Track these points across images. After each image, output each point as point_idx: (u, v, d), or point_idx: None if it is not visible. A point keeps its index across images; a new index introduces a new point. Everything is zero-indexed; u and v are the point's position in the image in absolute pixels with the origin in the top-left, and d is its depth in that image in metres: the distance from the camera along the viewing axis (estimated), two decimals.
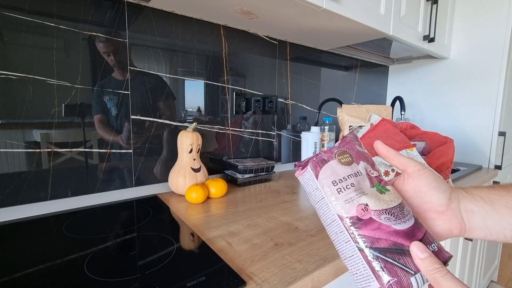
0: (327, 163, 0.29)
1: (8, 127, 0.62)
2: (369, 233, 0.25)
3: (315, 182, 0.29)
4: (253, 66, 1.03)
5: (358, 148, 0.31)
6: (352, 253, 0.26)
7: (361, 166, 0.30)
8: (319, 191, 0.29)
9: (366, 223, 0.26)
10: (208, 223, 0.59)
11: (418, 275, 0.24)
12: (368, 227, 0.26)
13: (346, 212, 0.27)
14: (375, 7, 0.91)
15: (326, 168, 0.29)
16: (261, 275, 0.41)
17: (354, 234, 0.26)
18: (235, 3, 0.74)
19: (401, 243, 0.25)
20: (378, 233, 0.25)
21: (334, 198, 0.28)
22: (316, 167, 0.30)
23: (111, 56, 0.72)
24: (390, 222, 0.26)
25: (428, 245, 0.25)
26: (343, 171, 0.29)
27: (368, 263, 0.25)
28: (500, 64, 1.22)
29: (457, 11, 1.34)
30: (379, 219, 0.26)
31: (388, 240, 0.25)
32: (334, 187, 0.28)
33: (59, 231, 0.53)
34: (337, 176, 0.28)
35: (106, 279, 0.39)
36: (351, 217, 0.26)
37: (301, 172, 0.31)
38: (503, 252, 1.69)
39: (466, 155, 1.34)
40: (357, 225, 0.26)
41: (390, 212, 0.26)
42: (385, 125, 0.83)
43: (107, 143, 0.74)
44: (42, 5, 0.63)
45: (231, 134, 0.99)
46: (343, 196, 0.27)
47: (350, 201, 0.27)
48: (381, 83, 1.64)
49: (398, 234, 0.25)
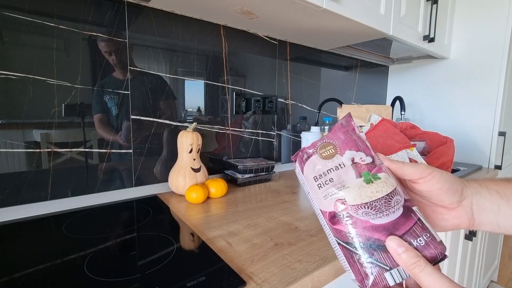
0: (309, 158, 0.30)
1: (8, 127, 0.62)
2: (344, 229, 0.26)
3: (302, 177, 0.30)
4: (253, 66, 1.03)
5: (349, 134, 0.30)
6: (334, 245, 0.27)
7: (345, 156, 0.29)
8: (305, 185, 0.30)
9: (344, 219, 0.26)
10: (208, 223, 0.59)
11: (395, 270, 0.24)
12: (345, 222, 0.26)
13: (325, 207, 0.27)
14: (375, 7, 0.91)
15: (308, 163, 0.29)
16: (261, 275, 0.41)
17: (334, 229, 0.26)
18: (235, 3, 0.74)
19: (378, 238, 0.25)
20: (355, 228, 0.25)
21: (316, 193, 0.28)
22: (301, 163, 0.30)
23: (111, 56, 0.72)
24: (368, 216, 0.25)
25: (414, 239, 0.24)
26: (323, 166, 0.29)
27: (346, 257, 0.25)
28: (500, 64, 1.22)
29: (457, 11, 1.34)
30: (355, 214, 0.26)
31: (363, 235, 0.25)
32: (315, 183, 0.28)
33: (59, 231, 0.53)
34: (317, 172, 0.29)
35: (106, 279, 0.39)
36: (329, 212, 0.27)
37: (294, 165, 0.32)
38: (503, 252, 1.69)
39: (466, 155, 1.34)
40: (334, 221, 0.26)
41: (370, 206, 0.26)
42: (385, 125, 0.83)
43: (107, 143, 0.74)
44: (42, 5, 0.63)
45: (231, 134, 0.99)
46: (323, 192, 0.28)
47: (328, 197, 0.27)
48: (381, 83, 1.64)
49: (375, 229, 0.25)
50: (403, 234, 0.25)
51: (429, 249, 0.24)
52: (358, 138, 0.30)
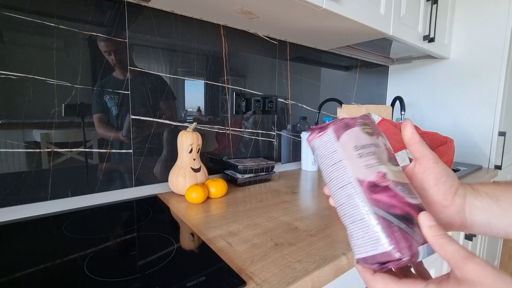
0: (350, 128, 0.29)
1: (8, 127, 0.62)
2: (385, 199, 0.26)
3: (334, 145, 0.29)
4: (253, 66, 1.03)
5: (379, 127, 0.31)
6: (363, 216, 0.26)
7: (380, 140, 0.29)
8: (336, 153, 0.29)
9: (383, 190, 0.26)
10: (208, 223, 0.59)
11: (425, 246, 0.25)
12: (385, 193, 0.26)
13: (365, 176, 0.27)
14: (375, 7, 0.91)
15: (349, 133, 0.29)
16: (261, 275, 0.41)
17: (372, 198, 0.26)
18: (235, 3, 0.74)
19: (412, 214, 0.25)
20: (394, 200, 0.26)
21: (354, 161, 0.28)
22: (339, 130, 0.29)
23: (111, 56, 0.72)
24: (404, 194, 0.26)
25: None
26: (365, 138, 0.29)
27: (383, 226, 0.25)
28: (500, 64, 1.22)
29: (457, 11, 1.34)
30: (395, 189, 0.26)
31: (402, 208, 0.25)
32: (355, 152, 0.28)
33: (59, 231, 0.53)
34: (359, 142, 0.28)
35: (106, 279, 0.39)
36: (369, 181, 0.27)
37: (318, 135, 0.30)
38: (503, 252, 1.69)
39: (466, 155, 1.34)
40: (375, 190, 0.26)
41: (404, 186, 0.27)
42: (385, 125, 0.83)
43: (107, 143, 0.74)
44: (42, 5, 0.63)
45: (231, 134, 0.99)
46: (364, 162, 0.27)
47: (370, 167, 0.27)
48: (381, 83, 1.64)
49: (410, 206, 0.26)
50: None
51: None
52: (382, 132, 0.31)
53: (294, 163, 1.21)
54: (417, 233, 0.25)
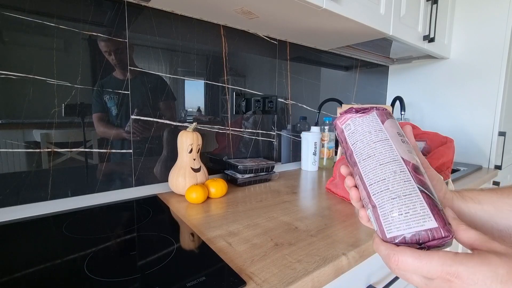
0: (392, 118, 0.32)
1: (8, 127, 0.62)
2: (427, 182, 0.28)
3: (380, 125, 0.31)
4: (253, 66, 1.03)
5: None
6: (410, 192, 0.27)
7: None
8: (383, 132, 0.30)
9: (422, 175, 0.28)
10: (208, 223, 0.59)
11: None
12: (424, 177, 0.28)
13: (409, 158, 0.29)
14: (375, 7, 0.91)
15: (391, 120, 0.31)
16: (261, 275, 0.41)
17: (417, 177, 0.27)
18: (235, 3, 0.74)
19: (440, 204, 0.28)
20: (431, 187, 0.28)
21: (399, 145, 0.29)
22: (383, 116, 0.31)
23: (111, 56, 0.72)
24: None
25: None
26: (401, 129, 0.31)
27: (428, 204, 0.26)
28: (500, 64, 1.22)
29: (457, 11, 1.34)
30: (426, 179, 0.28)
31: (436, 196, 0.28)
32: (399, 137, 0.30)
33: (59, 231, 0.53)
34: (400, 130, 0.31)
35: (106, 279, 0.39)
36: (413, 163, 0.28)
37: (359, 115, 0.32)
38: None
39: (466, 155, 1.34)
40: (419, 172, 0.28)
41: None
42: None
43: (107, 143, 0.74)
44: (42, 5, 0.63)
45: (231, 134, 0.99)
46: (406, 147, 0.30)
47: (410, 153, 0.29)
48: (381, 83, 1.64)
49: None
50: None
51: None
52: None
53: (294, 163, 1.21)
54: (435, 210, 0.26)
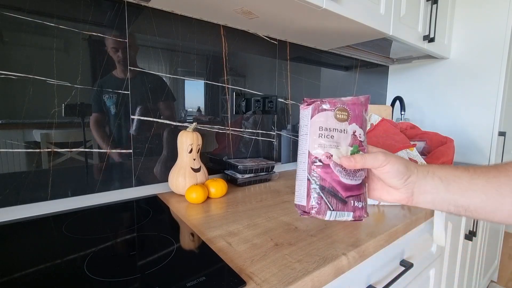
0: (324, 111, 0.35)
1: (8, 127, 0.62)
2: (320, 172, 0.35)
3: (308, 120, 0.36)
4: (253, 66, 1.03)
5: (362, 111, 0.37)
6: (303, 178, 0.36)
7: (351, 127, 0.36)
8: (307, 127, 0.36)
9: (323, 166, 0.35)
10: (208, 223, 0.59)
11: (334, 212, 0.35)
12: (322, 169, 0.35)
13: (314, 152, 0.35)
14: (375, 7, 0.91)
15: (321, 115, 0.35)
16: (261, 275, 0.41)
17: (310, 168, 0.35)
18: (235, 3, 0.74)
19: (337, 189, 0.35)
20: (326, 176, 0.35)
21: (313, 138, 0.35)
22: (316, 109, 0.36)
23: (111, 56, 0.72)
24: (340, 174, 0.35)
25: (356, 201, 0.35)
26: (333, 123, 0.35)
27: (308, 189, 0.35)
28: (500, 64, 1.22)
29: (457, 11, 1.34)
30: (333, 168, 0.35)
31: (330, 183, 0.35)
32: (318, 131, 0.35)
33: (59, 231, 0.53)
34: (326, 125, 0.35)
35: (106, 279, 0.39)
36: (315, 156, 0.35)
37: (304, 107, 0.37)
38: (503, 252, 1.70)
39: (466, 155, 1.34)
40: (316, 164, 0.35)
41: (344, 168, 0.35)
42: (385, 125, 0.83)
43: (107, 143, 0.74)
44: (42, 5, 0.63)
45: (231, 134, 0.99)
46: (320, 141, 0.35)
47: (322, 147, 0.35)
48: (381, 83, 1.64)
49: (339, 183, 0.35)
50: (353, 195, 0.35)
51: (359, 211, 0.36)
52: (364, 119, 0.37)
53: (294, 163, 1.21)
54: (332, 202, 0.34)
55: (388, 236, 0.57)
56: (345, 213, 0.35)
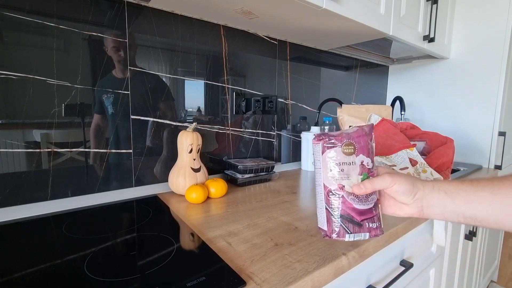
0: (333, 148, 0.39)
1: (8, 127, 0.62)
2: (335, 202, 0.39)
3: (320, 155, 0.40)
4: (253, 66, 1.03)
5: (367, 141, 0.40)
6: (322, 206, 0.41)
7: (358, 158, 0.39)
8: (319, 162, 0.40)
9: (337, 196, 0.39)
10: (208, 223, 0.59)
11: (352, 235, 0.39)
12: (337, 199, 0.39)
13: (328, 184, 0.40)
14: (375, 7, 0.91)
15: (331, 150, 0.39)
16: (261, 275, 0.41)
17: (327, 198, 0.40)
18: (235, 3, 0.74)
19: (352, 215, 0.39)
20: (342, 205, 0.39)
21: (326, 172, 0.40)
22: (326, 145, 0.39)
23: (111, 56, 0.72)
24: (353, 202, 0.39)
25: (371, 223, 0.39)
26: (341, 158, 0.39)
27: (327, 217, 0.40)
28: (500, 64, 1.22)
29: (457, 11, 1.34)
30: (346, 197, 0.39)
31: (345, 210, 0.39)
32: (329, 166, 0.39)
33: (59, 231, 0.53)
34: (336, 160, 0.39)
35: (106, 279, 0.39)
36: (329, 189, 0.39)
37: (315, 142, 0.41)
38: (503, 252, 1.70)
39: (466, 155, 1.34)
40: (331, 195, 0.39)
41: (357, 196, 0.39)
42: (385, 125, 0.83)
43: (107, 143, 0.74)
44: (42, 5, 0.63)
45: (231, 134, 0.99)
46: (332, 174, 0.39)
47: (335, 179, 0.39)
48: (381, 83, 1.64)
49: (353, 210, 0.39)
50: (367, 218, 0.39)
51: (375, 230, 0.40)
52: (371, 147, 0.40)
53: (294, 163, 1.21)
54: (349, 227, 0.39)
55: (388, 236, 0.57)
56: (362, 234, 0.39)
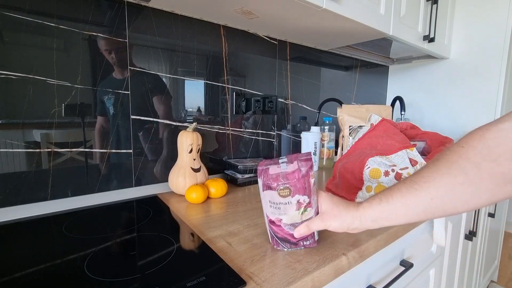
0: (270, 189, 0.44)
1: (8, 127, 0.62)
2: (275, 229, 0.47)
3: (261, 189, 0.46)
4: (253, 66, 1.03)
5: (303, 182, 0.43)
6: (267, 226, 0.49)
7: (294, 198, 0.43)
8: (261, 193, 0.46)
9: (277, 226, 0.46)
10: (208, 223, 0.59)
11: (289, 249, 0.48)
12: (275, 226, 0.47)
13: (270, 216, 0.47)
14: (375, 7, 0.91)
15: (268, 191, 0.45)
16: (261, 275, 0.41)
17: (270, 226, 0.48)
18: (235, 3, 0.74)
19: (289, 238, 0.47)
20: (279, 231, 0.47)
21: (266, 206, 0.46)
22: (264, 186, 0.45)
23: (111, 56, 0.72)
24: (290, 230, 0.46)
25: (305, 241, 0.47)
26: (278, 199, 0.44)
27: (271, 236, 0.49)
28: (500, 64, 1.22)
29: (457, 11, 1.34)
30: (284, 226, 0.46)
31: (282, 235, 0.47)
32: (268, 202, 0.46)
33: (59, 231, 0.53)
34: (272, 199, 0.45)
35: (106, 279, 0.39)
36: (270, 219, 0.47)
37: (258, 173, 0.46)
38: (503, 252, 1.70)
39: None
40: (272, 224, 0.47)
41: (293, 224, 0.45)
42: (385, 125, 0.83)
43: (107, 143, 0.74)
44: (42, 5, 0.63)
45: (231, 134, 0.99)
46: (270, 209, 0.46)
47: (273, 213, 0.46)
48: (381, 83, 1.64)
49: (290, 235, 0.46)
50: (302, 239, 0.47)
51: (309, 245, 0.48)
52: (308, 185, 0.44)
53: None
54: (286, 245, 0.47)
55: (388, 236, 0.57)
56: (297, 248, 0.48)
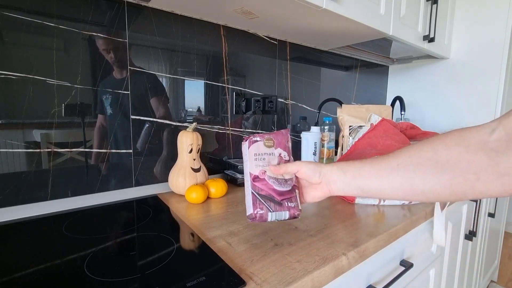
0: (256, 143, 0.48)
1: (8, 127, 0.62)
2: (259, 185, 0.46)
3: (246, 152, 0.48)
4: (253, 66, 1.03)
5: (284, 140, 0.50)
6: (248, 193, 0.46)
7: (277, 150, 0.49)
8: (246, 156, 0.48)
9: (260, 180, 0.46)
10: (208, 223, 0.59)
11: (274, 213, 0.44)
12: (260, 182, 0.46)
13: (253, 171, 0.47)
14: (375, 7, 0.91)
15: (254, 145, 0.48)
16: (261, 275, 0.41)
17: (252, 184, 0.46)
18: (235, 3, 0.74)
19: (273, 195, 0.45)
20: (264, 187, 0.46)
21: (251, 162, 0.47)
22: (250, 143, 0.48)
23: (111, 56, 0.72)
24: (274, 184, 0.46)
25: (289, 202, 0.45)
26: (263, 149, 0.48)
27: (253, 200, 0.45)
28: (500, 64, 1.22)
29: (457, 11, 1.34)
30: (268, 180, 0.46)
31: (267, 191, 0.45)
32: (253, 156, 0.48)
33: (59, 231, 0.53)
34: (258, 151, 0.48)
35: (106, 279, 0.39)
36: (254, 175, 0.47)
37: (243, 143, 0.49)
38: (503, 252, 1.70)
39: None
40: (255, 180, 0.46)
41: (276, 179, 0.46)
42: (385, 125, 0.83)
43: (107, 143, 0.74)
44: (42, 5, 0.63)
45: (231, 134, 0.99)
46: (256, 163, 0.47)
47: (257, 166, 0.47)
48: (381, 83, 1.64)
49: (274, 191, 0.45)
50: (285, 198, 0.45)
51: (293, 210, 0.45)
52: (287, 146, 0.50)
53: None
54: (270, 205, 0.44)
55: (388, 236, 0.57)
56: (282, 213, 0.44)
